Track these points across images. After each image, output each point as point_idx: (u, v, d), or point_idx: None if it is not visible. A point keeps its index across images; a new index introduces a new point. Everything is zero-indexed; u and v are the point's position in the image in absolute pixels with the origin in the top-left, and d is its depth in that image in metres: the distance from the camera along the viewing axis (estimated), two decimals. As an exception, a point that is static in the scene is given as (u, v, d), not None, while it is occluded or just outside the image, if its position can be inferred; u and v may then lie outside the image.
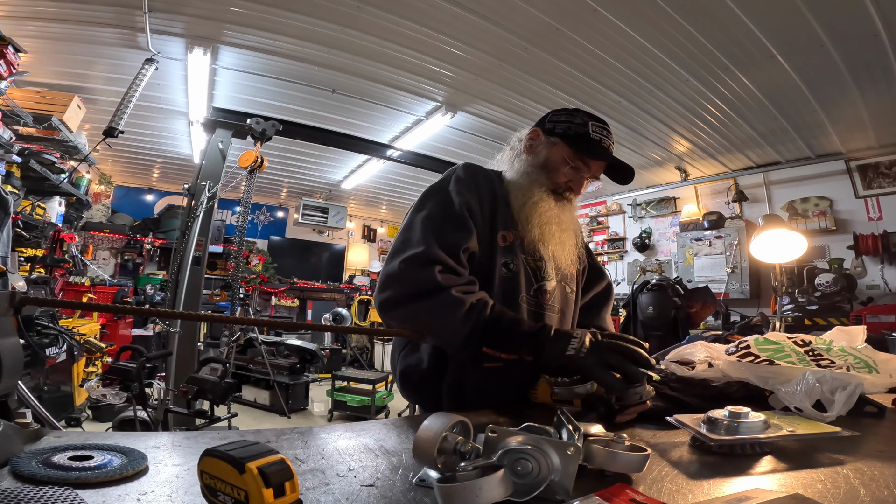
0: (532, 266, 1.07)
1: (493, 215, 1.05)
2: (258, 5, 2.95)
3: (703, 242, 5.34)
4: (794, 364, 0.89)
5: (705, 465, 0.62)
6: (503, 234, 1.05)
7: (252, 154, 4.18)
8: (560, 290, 1.12)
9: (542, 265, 1.07)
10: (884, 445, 0.69)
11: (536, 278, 1.07)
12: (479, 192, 1.04)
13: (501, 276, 1.03)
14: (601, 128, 1.07)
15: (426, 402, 1.09)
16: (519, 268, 1.05)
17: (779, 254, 2.63)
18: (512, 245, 1.05)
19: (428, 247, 0.94)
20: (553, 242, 1.08)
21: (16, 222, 3.50)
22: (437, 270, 0.91)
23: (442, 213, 1.00)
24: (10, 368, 0.63)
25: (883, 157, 4.44)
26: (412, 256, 0.93)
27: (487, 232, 1.04)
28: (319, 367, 5.74)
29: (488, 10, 2.89)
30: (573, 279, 1.18)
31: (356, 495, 0.50)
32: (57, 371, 3.40)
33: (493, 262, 1.03)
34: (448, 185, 1.05)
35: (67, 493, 0.44)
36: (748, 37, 2.95)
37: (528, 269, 1.07)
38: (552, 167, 1.08)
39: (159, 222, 6.81)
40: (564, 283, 1.14)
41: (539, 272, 1.07)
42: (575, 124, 1.07)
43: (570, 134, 1.07)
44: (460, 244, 0.97)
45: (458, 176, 1.06)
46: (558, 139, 1.08)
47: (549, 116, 1.13)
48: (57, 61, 3.59)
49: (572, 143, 1.07)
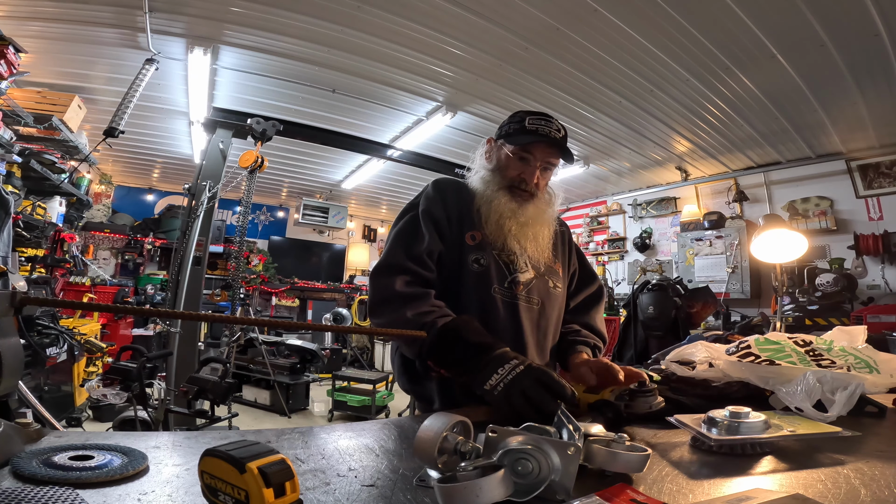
0: (504, 260, 1.14)
1: (462, 220, 1.15)
2: (258, 5, 2.95)
3: (704, 242, 5.34)
4: (795, 364, 0.89)
5: (705, 465, 0.61)
6: (472, 234, 1.14)
7: (252, 154, 4.17)
8: (541, 283, 1.18)
9: (514, 259, 1.14)
10: (884, 445, 0.69)
11: (509, 271, 1.14)
12: (446, 202, 1.16)
13: (472, 272, 1.11)
14: (538, 118, 1.16)
15: (421, 397, 1.17)
16: (490, 262, 1.13)
17: (779, 254, 2.63)
18: (482, 243, 1.14)
19: (394, 257, 1.08)
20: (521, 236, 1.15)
21: (16, 222, 3.51)
22: (399, 280, 1.04)
23: (411, 226, 1.14)
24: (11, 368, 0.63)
25: (883, 157, 4.43)
26: (380, 266, 1.09)
27: (457, 235, 1.14)
28: (320, 367, 5.74)
29: (488, 10, 2.89)
30: (559, 277, 1.24)
31: (356, 495, 0.50)
32: (57, 371, 3.41)
33: (464, 259, 1.12)
34: (419, 202, 1.18)
35: (68, 493, 0.44)
36: (748, 37, 2.95)
37: (501, 262, 1.14)
38: (503, 166, 1.19)
39: (160, 222, 6.81)
40: (548, 278, 1.20)
41: (511, 265, 1.14)
42: (513, 123, 1.18)
43: (510, 132, 1.18)
44: (424, 249, 1.09)
45: (427, 193, 1.18)
46: (503, 140, 1.20)
47: (501, 125, 1.24)
48: (57, 61, 3.59)
49: (511, 138, 1.17)
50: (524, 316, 1.13)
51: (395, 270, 1.06)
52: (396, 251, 1.09)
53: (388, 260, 1.08)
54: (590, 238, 7.08)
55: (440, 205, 1.15)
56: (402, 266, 1.06)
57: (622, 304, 5.56)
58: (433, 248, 1.10)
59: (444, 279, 1.11)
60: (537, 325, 1.15)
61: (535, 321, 1.15)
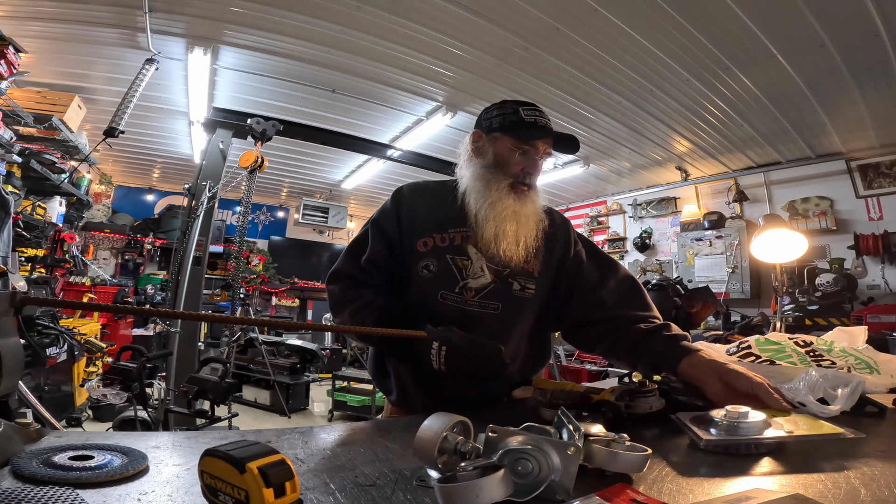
0: (458, 265, 1.10)
1: (414, 226, 1.14)
2: (258, 5, 2.95)
3: (704, 242, 5.33)
4: (795, 364, 0.90)
5: (706, 465, 0.61)
6: (423, 240, 1.12)
7: (252, 154, 4.18)
8: (501, 287, 1.11)
9: (467, 264, 1.10)
10: (885, 446, 0.69)
11: (461, 276, 1.10)
12: (400, 211, 1.16)
13: (420, 278, 1.11)
14: (532, 109, 1.13)
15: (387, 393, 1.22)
16: (441, 268, 1.10)
17: (779, 254, 2.63)
18: (432, 250, 1.11)
19: (339, 265, 1.18)
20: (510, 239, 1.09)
21: (16, 222, 3.51)
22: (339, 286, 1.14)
23: (360, 236, 1.19)
24: (11, 368, 0.63)
25: (883, 157, 4.43)
26: (329, 274, 1.19)
27: (408, 241, 1.14)
28: (320, 367, 5.74)
29: (488, 10, 2.89)
30: (533, 278, 1.14)
31: (356, 495, 0.50)
32: (57, 371, 3.40)
33: (413, 266, 1.12)
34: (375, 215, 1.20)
35: (68, 493, 0.44)
36: (748, 37, 2.95)
37: (455, 268, 1.10)
38: (503, 161, 1.13)
39: (160, 222, 6.81)
40: (513, 280, 1.12)
41: (464, 270, 1.10)
42: (507, 114, 1.13)
43: (506, 125, 1.12)
44: (366, 257, 1.14)
45: (385, 204, 1.20)
46: (499, 133, 1.13)
47: (483, 115, 1.19)
48: (57, 61, 3.59)
49: (512, 131, 1.12)
50: (476, 322, 1.07)
51: (337, 277, 1.17)
52: (343, 260, 1.19)
53: (334, 268, 1.19)
54: (590, 238, 7.06)
55: (393, 215, 1.16)
56: (344, 273, 1.16)
57: (622, 304, 5.55)
58: (377, 254, 1.14)
59: (395, 286, 1.15)
60: (494, 331, 1.08)
61: (491, 327, 1.09)
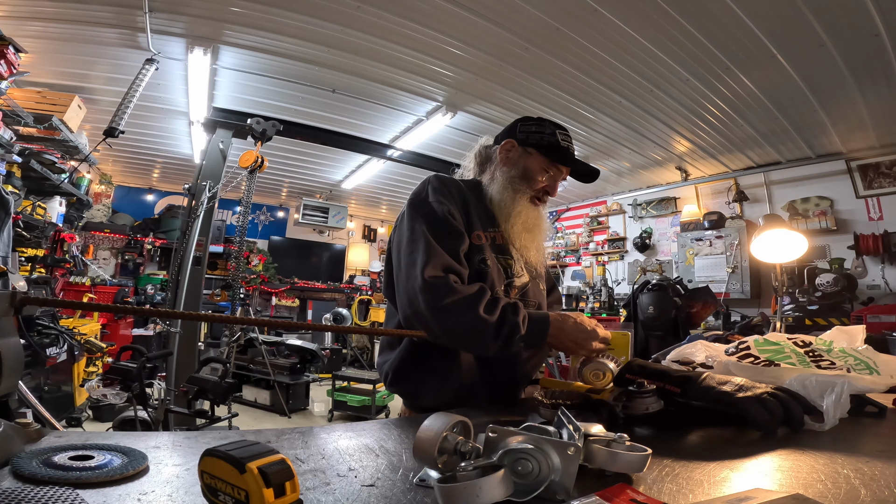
0: (503, 264, 1.17)
1: (467, 219, 1.15)
2: (258, 5, 2.95)
3: (704, 242, 5.33)
4: (794, 365, 0.89)
5: (706, 465, 0.61)
6: (477, 233, 1.14)
7: (252, 154, 4.18)
8: (535, 286, 1.23)
9: (511, 263, 1.18)
10: (884, 445, 0.69)
11: (507, 275, 1.17)
12: (453, 199, 1.15)
13: (478, 271, 1.12)
14: (566, 135, 1.21)
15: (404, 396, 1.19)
16: (492, 264, 1.15)
17: (779, 254, 2.62)
18: (483, 245, 1.15)
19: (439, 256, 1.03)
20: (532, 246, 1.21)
21: (16, 222, 3.51)
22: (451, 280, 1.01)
23: (437, 223, 1.08)
24: (11, 368, 0.63)
25: (883, 157, 4.43)
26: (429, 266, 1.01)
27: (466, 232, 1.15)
28: (320, 367, 5.74)
29: (488, 10, 2.89)
30: (542, 278, 1.30)
31: (356, 495, 0.50)
32: (57, 371, 3.40)
33: (470, 258, 1.12)
34: (429, 197, 1.13)
35: (68, 493, 0.44)
36: (748, 37, 2.95)
37: (500, 266, 1.17)
38: (531, 176, 1.20)
39: (160, 222, 6.81)
40: (539, 281, 1.26)
41: (509, 269, 1.17)
42: (546, 134, 1.19)
43: (543, 144, 1.19)
44: (458, 248, 1.07)
45: (434, 186, 1.15)
46: (533, 150, 1.20)
47: (519, 126, 1.24)
48: (57, 61, 3.59)
49: (547, 152, 1.19)
50: None
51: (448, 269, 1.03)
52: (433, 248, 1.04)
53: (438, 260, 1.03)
54: (590, 238, 7.07)
55: (452, 202, 1.13)
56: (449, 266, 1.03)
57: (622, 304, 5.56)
58: (465, 248, 1.10)
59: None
60: None
61: None
